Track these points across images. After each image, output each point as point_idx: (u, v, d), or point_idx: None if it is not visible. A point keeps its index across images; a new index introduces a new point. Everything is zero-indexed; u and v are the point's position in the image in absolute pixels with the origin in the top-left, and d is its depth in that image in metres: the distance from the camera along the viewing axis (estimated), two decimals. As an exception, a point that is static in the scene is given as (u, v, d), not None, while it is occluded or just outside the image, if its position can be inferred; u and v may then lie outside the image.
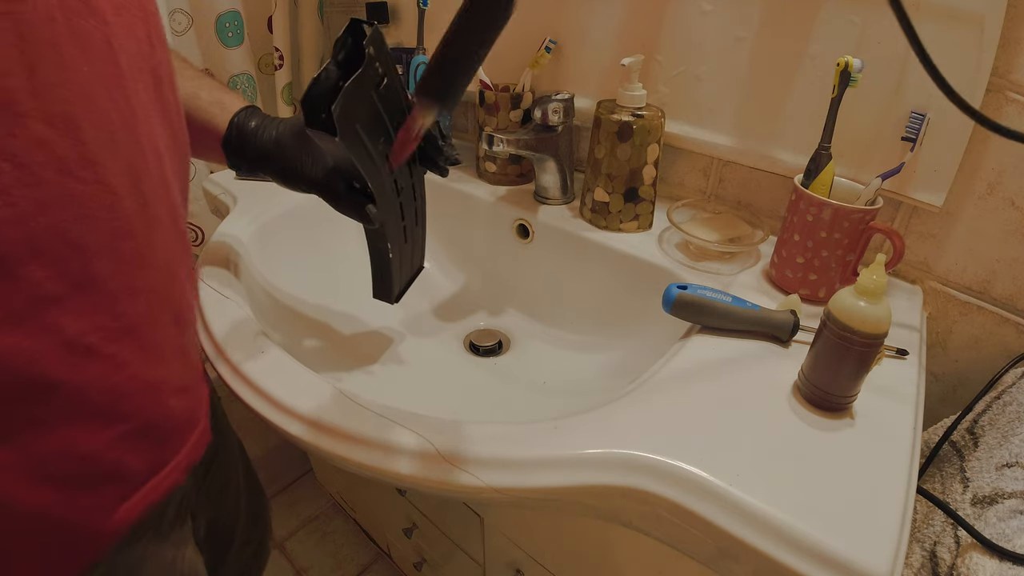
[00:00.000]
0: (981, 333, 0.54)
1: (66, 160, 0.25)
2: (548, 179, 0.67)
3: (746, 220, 0.61)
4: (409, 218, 0.51)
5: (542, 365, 0.63)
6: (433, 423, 0.38)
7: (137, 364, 0.31)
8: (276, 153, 0.46)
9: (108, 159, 0.28)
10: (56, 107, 0.25)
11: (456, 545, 0.72)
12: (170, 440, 0.36)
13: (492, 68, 0.71)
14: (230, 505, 0.53)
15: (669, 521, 0.35)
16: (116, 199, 0.28)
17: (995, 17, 0.44)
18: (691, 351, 0.45)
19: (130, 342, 0.31)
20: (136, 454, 0.33)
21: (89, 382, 0.29)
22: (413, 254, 0.55)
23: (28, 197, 0.24)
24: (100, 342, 0.29)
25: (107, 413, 0.30)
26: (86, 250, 0.27)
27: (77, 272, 0.27)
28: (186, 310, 0.37)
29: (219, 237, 0.61)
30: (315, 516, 1.20)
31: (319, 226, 0.69)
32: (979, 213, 0.51)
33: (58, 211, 0.26)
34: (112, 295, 0.29)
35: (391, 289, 0.52)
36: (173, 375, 0.35)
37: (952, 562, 0.38)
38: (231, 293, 0.52)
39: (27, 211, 0.24)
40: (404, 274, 0.54)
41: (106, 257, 0.28)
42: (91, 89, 0.26)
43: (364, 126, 0.41)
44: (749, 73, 0.58)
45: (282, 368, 0.44)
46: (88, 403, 0.29)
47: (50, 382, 0.27)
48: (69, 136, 0.25)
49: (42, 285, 0.26)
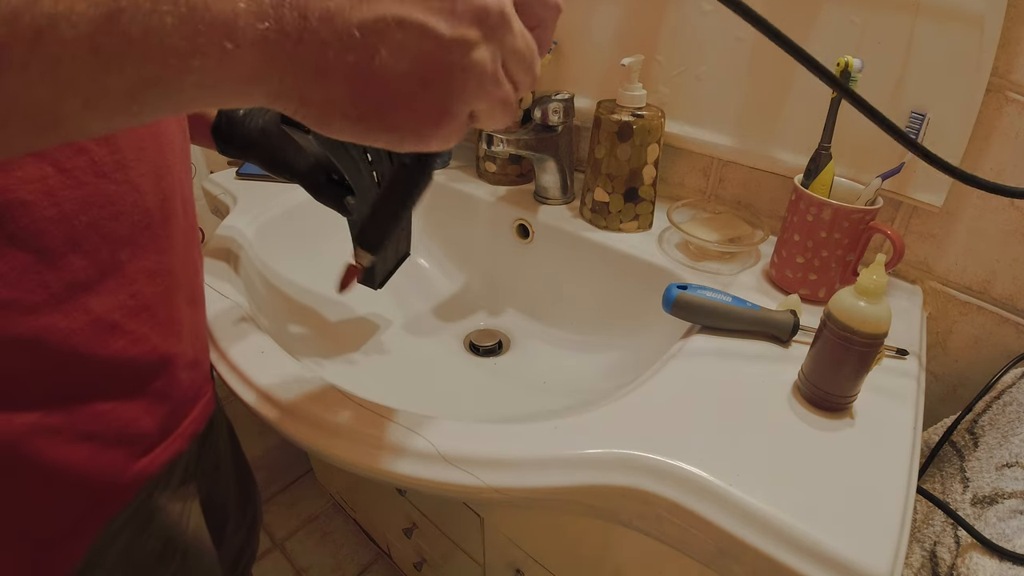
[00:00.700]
0: (981, 333, 0.54)
1: (102, 165, 0.29)
2: (548, 179, 0.67)
3: (746, 220, 0.61)
4: None
5: (542, 365, 0.63)
6: (433, 423, 0.38)
7: (155, 339, 0.35)
8: (262, 142, 0.49)
9: (136, 162, 0.31)
10: None
11: (456, 545, 0.72)
12: (180, 408, 0.40)
13: (492, 68, 0.71)
14: (221, 483, 0.56)
15: (669, 521, 0.35)
16: (141, 196, 0.32)
17: (995, 17, 0.44)
18: (691, 351, 0.45)
19: (148, 318, 0.34)
20: (151, 419, 0.37)
21: (113, 355, 0.33)
22: (398, 242, 0.57)
23: (71, 198, 0.28)
24: (122, 319, 0.33)
25: (128, 382, 0.34)
26: (115, 241, 0.31)
27: (106, 260, 0.31)
28: (197, 290, 0.40)
29: (219, 237, 0.61)
30: (315, 516, 1.21)
31: (319, 226, 0.69)
32: (979, 213, 0.51)
33: (96, 209, 0.29)
34: (130, 277, 0.33)
35: (374, 275, 0.54)
36: (186, 349, 0.39)
37: (952, 562, 0.38)
38: (231, 292, 0.52)
39: (70, 211, 0.28)
40: (387, 260, 0.56)
41: (128, 245, 0.32)
42: None
43: None
44: (749, 73, 0.58)
45: (281, 367, 0.44)
46: (112, 373, 0.33)
47: (81, 356, 0.31)
48: (105, 144, 0.29)
49: (78, 273, 0.29)
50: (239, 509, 0.60)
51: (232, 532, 0.58)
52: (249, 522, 0.63)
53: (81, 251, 0.29)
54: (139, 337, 0.34)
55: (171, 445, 0.39)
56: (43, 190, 0.27)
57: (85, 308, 0.30)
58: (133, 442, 0.36)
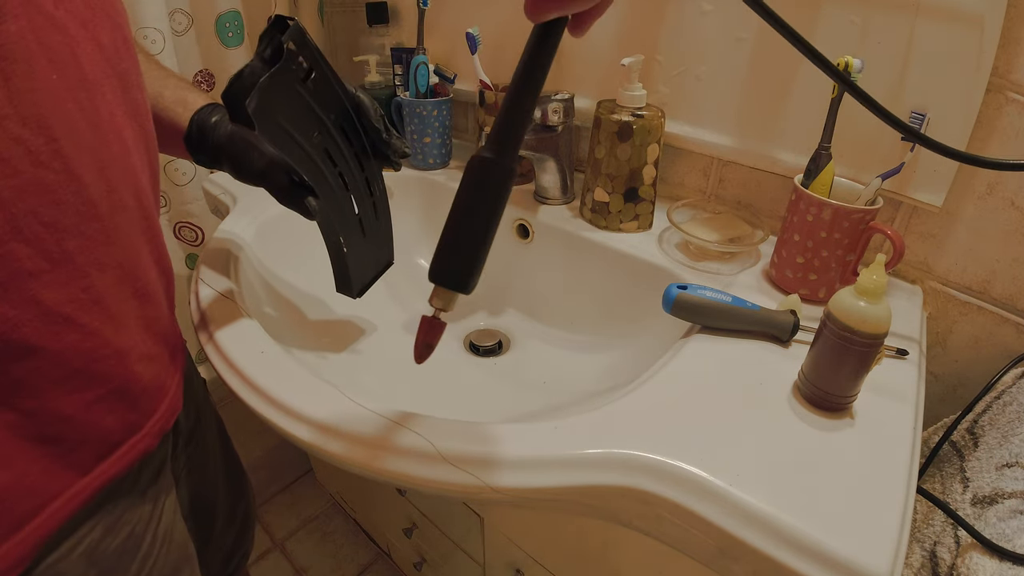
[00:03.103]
0: (981, 333, 0.54)
1: (39, 154, 0.29)
2: (548, 179, 0.67)
3: (746, 220, 0.61)
4: (366, 212, 0.51)
5: (542, 365, 0.63)
6: (433, 423, 0.38)
7: (107, 332, 0.35)
8: (228, 147, 0.49)
9: (75, 152, 0.31)
10: (29, 110, 0.29)
11: (456, 545, 0.72)
12: (141, 403, 0.40)
13: (492, 68, 0.71)
14: (209, 480, 0.56)
15: (669, 521, 0.35)
16: (82, 186, 0.32)
17: (995, 17, 0.44)
18: (691, 351, 0.45)
19: (99, 312, 0.35)
20: (111, 416, 0.37)
21: (65, 348, 0.33)
22: (379, 249, 0.55)
23: (8, 186, 0.28)
24: (74, 312, 0.33)
25: (82, 377, 0.35)
26: (59, 230, 0.31)
27: (52, 249, 0.31)
28: (148, 284, 0.40)
29: (219, 237, 0.61)
30: (315, 516, 1.21)
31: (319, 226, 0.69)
32: (979, 213, 0.51)
33: (34, 197, 0.30)
34: (82, 269, 0.33)
35: (350, 283, 0.52)
36: (138, 343, 0.39)
37: (952, 562, 0.38)
38: (231, 292, 0.52)
39: (7, 198, 0.28)
40: (367, 269, 0.54)
41: (75, 236, 0.32)
42: (59, 94, 0.30)
43: (290, 120, 0.41)
44: (749, 73, 0.58)
45: (281, 368, 0.44)
46: (65, 367, 0.33)
47: (31, 347, 0.31)
48: (41, 134, 0.29)
49: (22, 261, 0.30)
50: (229, 508, 0.60)
51: (221, 530, 0.59)
52: (240, 520, 0.63)
53: (23, 238, 0.30)
54: (92, 331, 0.34)
55: (137, 444, 0.39)
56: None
57: (34, 299, 0.31)
58: (89, 442, 0.36)
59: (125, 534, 0.41)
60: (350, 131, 0.47)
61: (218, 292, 0.52)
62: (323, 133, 0.44)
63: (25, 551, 0.34)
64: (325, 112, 0.44)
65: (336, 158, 0.47)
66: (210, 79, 0.87)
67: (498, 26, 0.74)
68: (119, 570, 0.40)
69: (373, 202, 0.52)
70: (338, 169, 0.47)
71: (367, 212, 0.51)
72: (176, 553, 0.46)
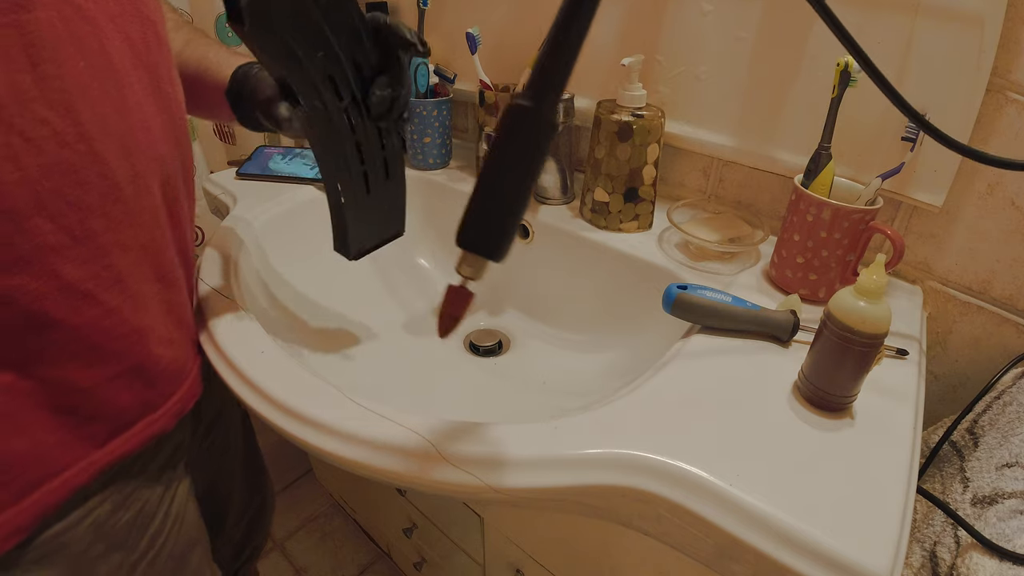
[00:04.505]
0: (981, 333, 0.54)
1: (64, 135, 0.31)
2: (548, 179, 0.67)
3: (746, 220, 0.61)
4: (374, 167, 0.46)
5: (542, 365, 0.63)
6: (433, 423, 0.38)
7: (126, 311, 0.37)
8: (257, 88, 0.46)
9: (101, 135, 0.33)
10: (55, 95, 0.30)
11: (456, 545, 0.72)
12: (159, 384, 0.41)
13: (492, 68, 0.71)
14: (227, 471, 0.57)
15: (669, 521, 0.35)
16: (107, 168, 0.34)
17: (995, 17, 0.44)
18: (691, 351, 0.45)
19: (119, 291, 0.36)
20: (127, 394, 0.38)
21: (85, 323, 0.34)
22: (388, 214, 0.50)
23: (33, 164, 0.30)
24: (95, 289, 0.34)
25: (101, 352, 0.36)
26: (82, 208, 0.33)
27: (75, 226, 0.33)
28: (171, 270, 0.41)
29: (219, 236, 0.61)
30: (315, 516, 1.21)
31: (319, 226, 0.68)
32: (979, 213, 0.51)
33: (58, 176, 0.31)
34: (104, 248, 0.34)
35: (347, 241, 0.47)
36: (158, 325, 0.40)
37: (952, 562, 0.38)
38: (230, 292, 0.52)
39: (33, 175, 0.30)
40: (369, 231, 0.49)
41: (99, 215, 0.34)
42: (86, 80, 0.32)
43: (293, 30, 0.37)
44: (749, 73, 0.58)
45: (281, 368, 0.44)
46: (84, 342, 0.35)
47: (51, 320, 0.33)
48: (67, 117, 0.31)
49: (46, 236, 0.31)
50: (243, 501, 0.61)
51: (233, 523, 0.59)
52: (252, 515, 0.63)
53: (47, 214, 0.31)
54: (112, 308, 0.36)
55: (153, 423, 0.41)
56: (7, 155, 0.29)
57: (55, 273, 0.32)
58: (104, 417, 0.38)
59: (135, 510, 0.42)
60: (364, 66, 0.41)
61: (218, 291, 0.52)
62: (329, 57, 0.39)
63: (30, 518, 0.35)
64: (335, 34, 0.38)
65: (342, 91, 0.40)
66: (210, 79, 0.87)
67: (498, 26, 0.74)
68: (127, 545, 0.41)
69: (384, 159, 0.46)
70: (343, 104, 0.41)
71: (376, 168, 0.46)
72: (187, 535, 0.47)
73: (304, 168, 0.77)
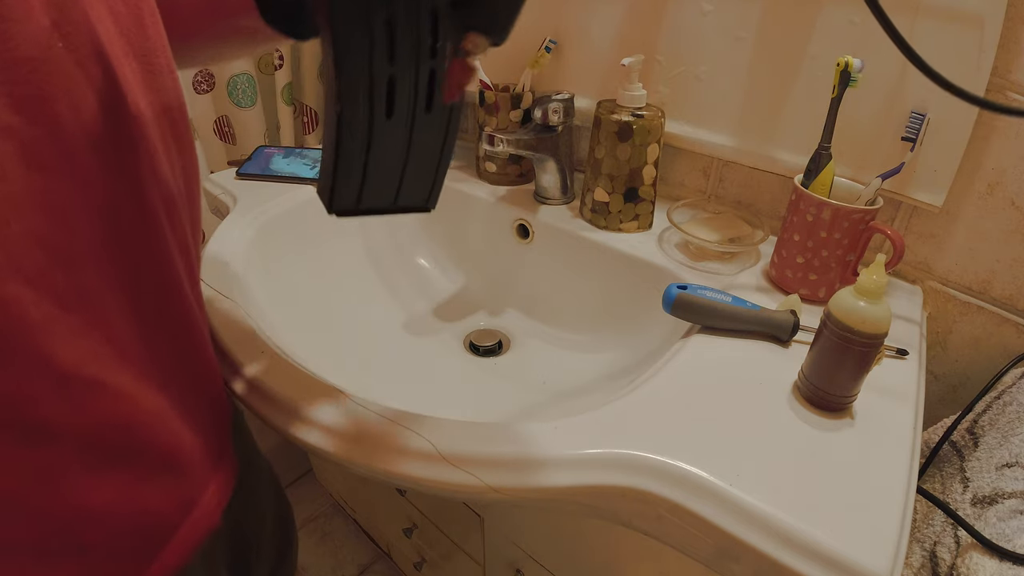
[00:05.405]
0: (981, 333, 0.54)
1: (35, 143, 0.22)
2: (548, 179, 0.67)
3: (746, 220, 0.61)
4: (406, 79, 0.28)
5: (542, 365, 0.63)
6: (433, 423, 0.38)
7: (140, 391, 0.28)
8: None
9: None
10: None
11: (456, 545, 0.72)
12: (188, 475, 0.33)
13: (492, 68, 0.71)
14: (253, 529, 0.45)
15: (669, 521, 0.35)
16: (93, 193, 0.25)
17: (995, 17, 0.44)
18: (691, 351, 0.45)
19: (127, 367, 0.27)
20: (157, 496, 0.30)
21: (91, 419, 0.26)
22: (416, 174, 0.33)
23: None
24: (98, 371, 0.26)
25: (116, 452, 0.27)
26: (67, 258, 0.24)
27: (60, 286, 0.24)
28: (191, 322, 0.33)
29: (219, 237, 0.61)
30: (315, 516, 1.20)
31: (319, 226, 0.69)
32: (979, 213, 0.51)
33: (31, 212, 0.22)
34: (100, 312, 0.26)
35: (331, 186, 0.31)
36: (182, 399, 0.32)
37: (952, 562, 0.38)
38: (230, 293, 0.52)
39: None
40: (379, 188, 0.32)
41: (91, 264, 0.25)
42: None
43: None
44: (749, 73, 0.58)
45: (281, 368, 0.44)
46: (94, 445, 0.26)
47: (52, 432, 0.24)
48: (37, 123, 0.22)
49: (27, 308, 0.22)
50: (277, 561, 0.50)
51: None
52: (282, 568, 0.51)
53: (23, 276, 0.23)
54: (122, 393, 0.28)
55: (197, 525, 0.33)
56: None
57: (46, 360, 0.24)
58: (139, 533, 0.30)
59: None
60: None
61: (218, 292, 0.52)
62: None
63: None
64: None
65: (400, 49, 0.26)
66: (210, 79, 0.86)
67: (498, 26, 0.74)
68: None
69: (433, 75, 0.28)
70: (386, 15, 0.25)
71: (411, 83, 0.28)
72: None
73: (304, 168, 0.76)
